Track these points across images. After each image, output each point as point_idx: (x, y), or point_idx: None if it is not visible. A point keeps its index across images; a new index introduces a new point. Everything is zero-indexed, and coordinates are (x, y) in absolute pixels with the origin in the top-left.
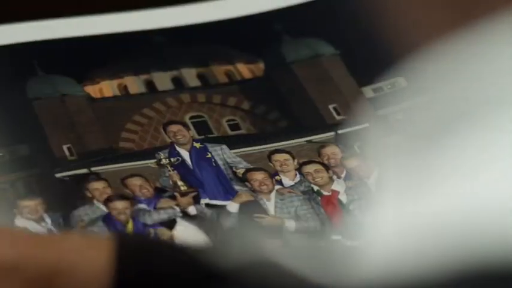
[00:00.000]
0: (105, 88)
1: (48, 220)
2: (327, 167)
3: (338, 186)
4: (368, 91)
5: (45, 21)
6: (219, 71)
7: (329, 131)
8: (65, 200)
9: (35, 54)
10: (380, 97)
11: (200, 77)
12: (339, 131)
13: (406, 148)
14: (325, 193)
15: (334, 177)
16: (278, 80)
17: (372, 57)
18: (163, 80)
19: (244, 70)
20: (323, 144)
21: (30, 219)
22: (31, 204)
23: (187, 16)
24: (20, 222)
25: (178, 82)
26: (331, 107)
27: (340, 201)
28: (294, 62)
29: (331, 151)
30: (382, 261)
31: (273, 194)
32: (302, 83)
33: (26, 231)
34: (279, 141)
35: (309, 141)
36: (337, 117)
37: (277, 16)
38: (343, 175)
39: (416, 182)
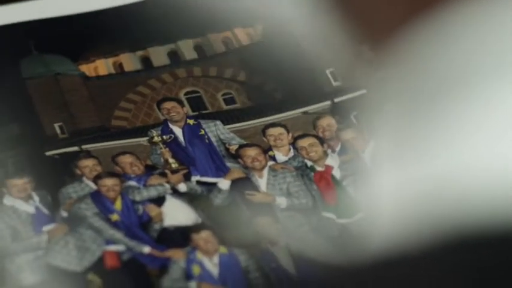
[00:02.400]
0: (100, 66)
1: (36, 198)
2: (322, 141)
3: (332, 161)
4: (365, 50)
5: (39, 1)
6: (217, 40)
7: (325, 99)
8: (54, 177)
9: (30, 34)
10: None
11: (197, 48)
12: (336, 100)
13: (402, 114)
14: (319, 168)
15: (329, 151)
16: (275, 43)
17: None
18: (159, 55)
19: (242, 35)
20: (318, 116)
21: (18, 197)
22: (19, 182)
23: None
24: (8, 201)
25: (174, 56)
26: (328, 71)
27: (333, 177)
28: (290, 22)
29: (327, 122)
30: (383, 232)
31: (265, 171)
32: (300, 44)
33: None
34: (274, 114)
35: (305, 113)
36: (334, 84)
37: None
38: (337, 148)
39: (412, 148)
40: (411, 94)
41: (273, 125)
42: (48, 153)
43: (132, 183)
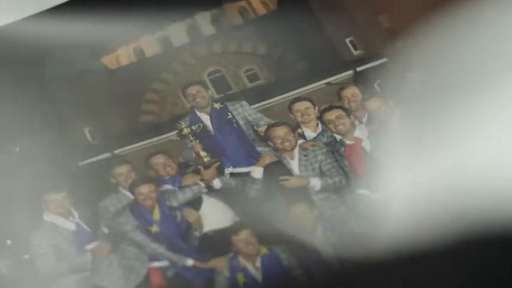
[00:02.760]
0: (122, 55)
1: (76, 214)
2: (348, 112)
3: (360, 132)
4: (384, 20)
5: None
6: (233, 10)
7: (347, 69)
8: (89, 189)
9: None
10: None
11: (214, 22)
12: (358, 69)
13: (425, 83)
14: (348, 142)
15: (356, 122)
16: (292, 12)
17: None
18: (178, 33)
19: (257, 5)
20: (342, 86)
21: (58, 213)
22: (57, 197)
23: None
24: (48, 217)
25: (193, 33)
26: (348, 40)
27: (363, 150)
28: None
29: (351, 92)
30: (400, 217)
31: (296, 151)
32: (317, 14)
33: None
34: (298, 88)
35: (328, 84)
36: (355, 53)
37: None
38: (364, 119)
39: (434, 133)
40: (432, 67)
41: (299, 99)
42: (81, 163)
43: (167, 186)
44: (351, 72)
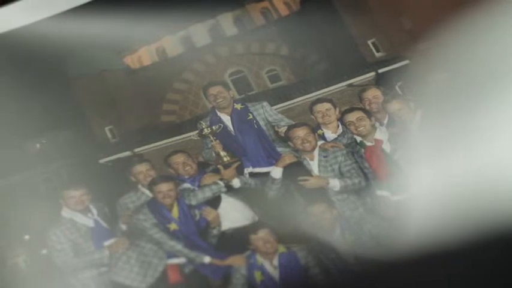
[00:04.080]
0: (144, 55)
1: (94, 211)
2: (369, 114)
3: (381, 134)
4: (406, 22)
5: None
6: (255, 10)
7: (369, 71)
8: (109, 187)
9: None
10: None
11: (237, 22)
12: (380, 70)
13: (448, 87)
14: (369, 143)
15: (377, 124)
16: (314, 13)
17: None
18: (200, 33)
19: (280, 6)
20: (364, 88)
21: (76, 210)
22: (76, 194)
23: None
24: (67, 213)
25: (215, 33)
26: (370, 42)
27: (383, 151)
28: None
29: (373, 94)
30: (419, 219)
31: (316, 152)
32: (340, 14)
33: None
34: (319, 89)
35: (350, 85)
36: (377, 54)
37: None
38: (385, 121)
39: (455, 136)
40: (454, 69)
41: (320, 100)
42: (101, 161)
43: (187, 185)
44: (372, 73)
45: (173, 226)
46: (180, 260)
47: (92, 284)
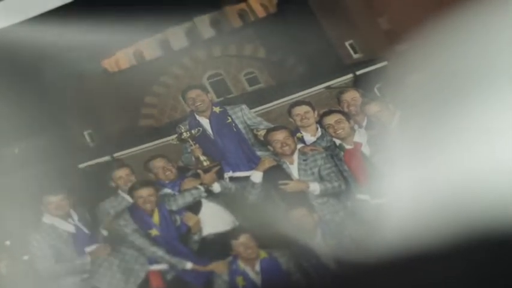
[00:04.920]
0: (122, 59)
1: (75, 216)
2: (348, 116)
3: (360, 136)
4: (384, 22)
5: None
6: (233, 13)
7: (347, 72)
8: (89, 192)
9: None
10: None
11: (214, 24)
12: (358, 72)
13: (426, 88)
14: (348, 146)
15: (356, 127)
16: (291, 15)
17: None
18: (178, 36)
19: (257, 7)
20: (342, 90)
21: (57, 215)
22: (55, 199)
23: None
24: (47, 219)
25: (193, 36)
26: (347, 43)
27: (363, 154)
28: None
29: (351, 96)
30: (399, 222)
31: (295, 156)
32: (316, 16)
33: None
34: (297, 92)
35: (328, 88)
36: (354, 56)
37: None
38: (364, 123)
39: (432, 140)
40: (433, 69)
41: (298, 103)
42: (80, 165)
43: (167, 190)
44: (350, 75)
45: (154, 232)
46: (162, 267)
47: None
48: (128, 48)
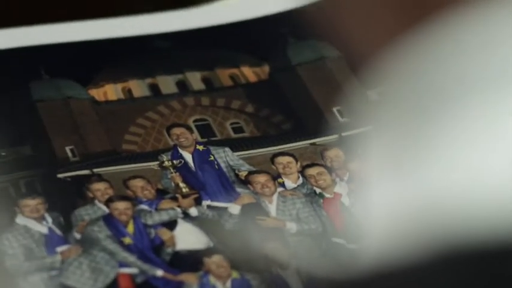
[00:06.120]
0: (110, 91)
1: (49, 219)
2: (330, 170)
3: (341, 188)
4: (373, 94)
5: (51, 26)
6: (224, 75)
7: (333, 133)
8: (66, 199)
9: (40, 58)
10: (384, 100)
11: (205, 80)
12: (343, 134)
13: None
14: (328, 195)
15: (337, 179)
16: (283, 83)
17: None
18: (167, 84)
19: (249, 73)
20: (326, 147)
21: (31, 217)
22: (32, 203)
23: (192, 20)
24: (21, 220)
25: (182, 86)
26: (335, 109)
27: (342, 204)
28: (298, 65)
29: (335, 154)
30: (376, 245)
31: (275, 196)
32: (306, 86)
33: None
34: (282, 144)
35: (313, 144)
36: (341, 120)
37: (282, 19)
38: (346, 177)
39: (405, 165)
40: (403, 112)
41: (282, 153)
42: (60, 175)
43: (144, 206)
44: (336, 136)
45: (127, 240)
46: (132, 270)
47: (42, 286)
48: (117, 84)
